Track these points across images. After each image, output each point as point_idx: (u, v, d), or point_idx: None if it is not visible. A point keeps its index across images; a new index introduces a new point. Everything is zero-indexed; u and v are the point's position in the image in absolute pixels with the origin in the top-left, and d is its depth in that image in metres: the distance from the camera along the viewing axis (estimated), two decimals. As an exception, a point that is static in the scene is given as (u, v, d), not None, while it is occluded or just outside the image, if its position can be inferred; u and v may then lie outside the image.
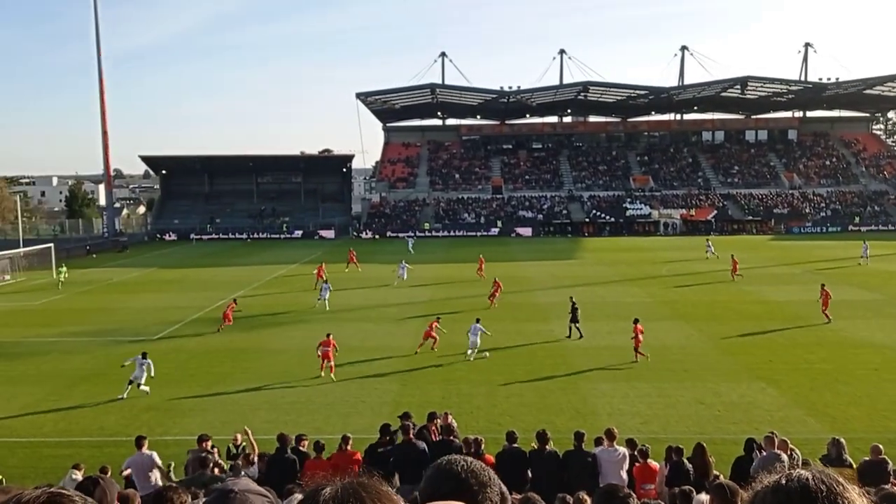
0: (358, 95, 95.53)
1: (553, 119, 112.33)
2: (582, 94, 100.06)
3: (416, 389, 23.93)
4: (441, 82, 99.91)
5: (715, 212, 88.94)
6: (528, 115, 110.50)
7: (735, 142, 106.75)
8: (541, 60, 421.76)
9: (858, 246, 55.09)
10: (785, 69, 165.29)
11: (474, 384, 24.34)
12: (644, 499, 11.80)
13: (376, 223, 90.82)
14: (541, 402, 22.31)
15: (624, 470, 12.75)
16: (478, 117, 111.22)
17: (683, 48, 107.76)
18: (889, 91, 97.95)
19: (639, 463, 12.84)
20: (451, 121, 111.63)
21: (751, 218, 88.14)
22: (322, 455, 13.45)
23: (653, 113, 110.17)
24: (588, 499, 8.06)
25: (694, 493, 9.50)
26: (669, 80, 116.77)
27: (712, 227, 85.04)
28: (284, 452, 13.45)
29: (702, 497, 9.22)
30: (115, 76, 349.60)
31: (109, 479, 6.75)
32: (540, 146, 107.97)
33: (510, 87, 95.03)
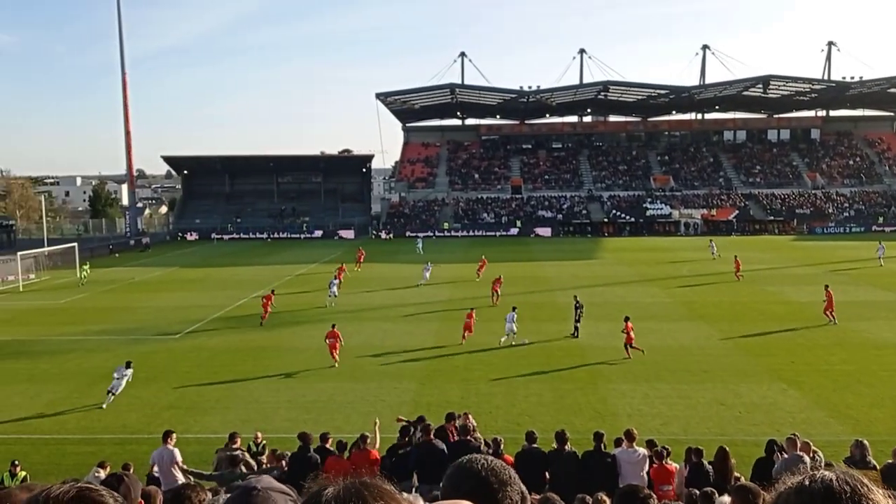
0: (377, 96, 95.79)
1: (573, 119, 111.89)
2: (602, 94, 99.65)
3: (435, 389, 23.97)
4: (461, 82, 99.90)
5: (736, 212, 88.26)
6: (548, 115, 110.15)
7: (757, 141, 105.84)
8: (560, 60, 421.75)
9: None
10: (808, 68, 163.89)
11: (493, 384, 24.35)
12: (663, 500, 11.78)
13: (395, 223, 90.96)
14: (560, 403, 22.27)
15: (644, 471, 12.72)
16: (497, 117, 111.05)
17: (705, 47, 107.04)
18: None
19: (655, 464, 12.79)
20: (471, 121, 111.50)
21: (773, 218, 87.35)
22: (343, 454, 13.51)
23: (674, 112, 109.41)
24: (608, 500, 8.04)
25: (716, 495, 9.44)
26: (690, 80, 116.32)
27: (734, 228, 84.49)
28: (307, 451, 13.53)
29: (724, 499, 9.17)
30: (138, 77, 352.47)
31: (133, 476, 6.83)
32: (560, 146, 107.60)
33: (530, 87, 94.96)
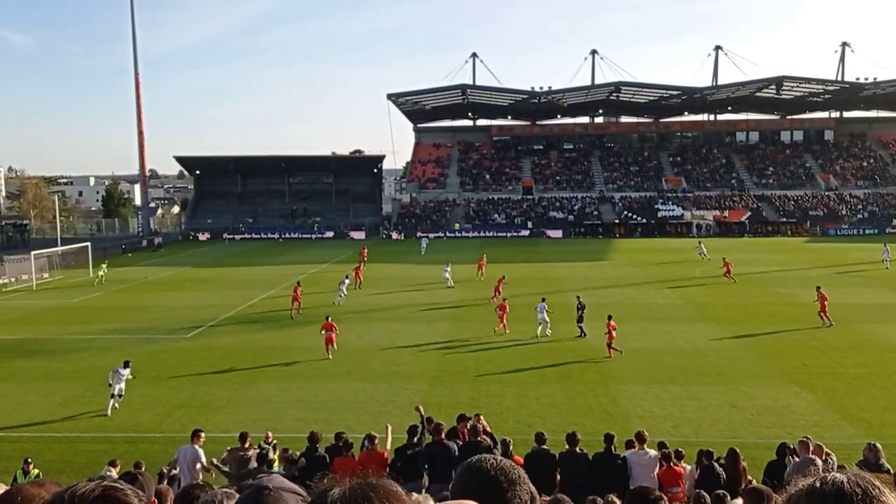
0: (389, 96, 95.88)
1: (584, 119, 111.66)
2: (614, 95, 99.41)
3: (446, 390, 23.96)
4: (472, 83, 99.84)
5: (749, 213, 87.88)
6: (560, 116, 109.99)
7: (770, 142, 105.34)
8: (572, 61, 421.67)
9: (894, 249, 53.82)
10: (821, 69, 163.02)
11: (504, 384, 24.33)
12: (672, 503, 11.75)
13: (406, 223, 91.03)
14: (570, 404, 22.23)
15: (655, 473, 12.70)
16: (508, 118, 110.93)
17: (717, 48, 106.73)
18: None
19: (664, 466, 12.76)
20: (482, 121, 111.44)
21: (785, 220, 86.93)
22: (350, 453, 13.53)
23: (686, 113, 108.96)
24: (618, 501, 8.03)
25: (728, 498, 9.41)
26: (703, 81, 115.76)
27: (746, 229, 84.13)
28: (315, 451, 13.57)
29: (736, 502, 9.15)
30: (151, 78, 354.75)
31: (147, 476, 6.88)
32: (571, 147, 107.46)
33: (541, 88, 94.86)
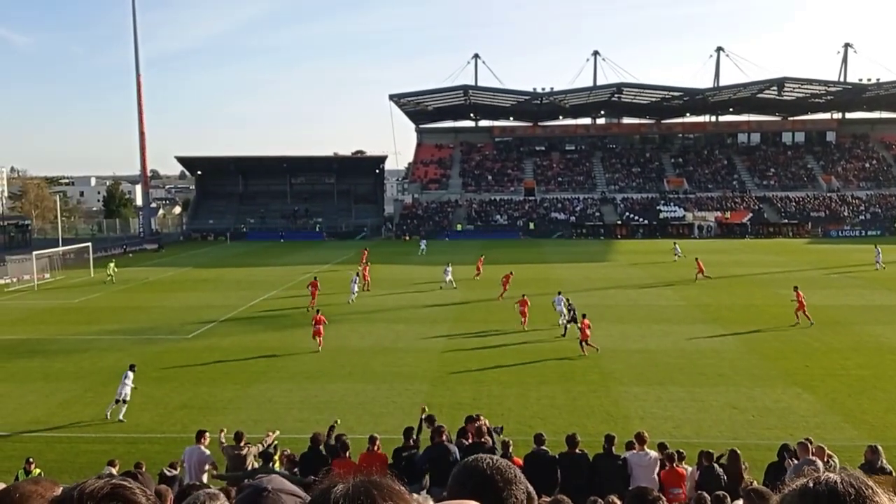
0: (391, 97, 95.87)
1: (586, 121, 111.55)
2: (616, 96, 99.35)
3: (447, 391, 23.94)
4: (474, 84, 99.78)
5: (750, 214, 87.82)
6: (562, 117, 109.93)
7: (771, 144, 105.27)
8: (574, 62, 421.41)
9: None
10: (824, 70, 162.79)
11: (505, 385, 24.31)
12: (673, 503, 11.74)
13: (409, 224, 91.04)
14: (572, 405, 22.21)
15: (655, 474, 12.69)
16: (511, 119, 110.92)
17: (719, 49, 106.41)
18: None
19: (666, 467, 12.75)
20: (484, 122, 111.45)
21: (787, 221, 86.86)
22: (347, 454, 13.50)
23: (687, 114, 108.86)
24: (619, 502, 8.02)
25: (728, 499, 9.40)
26: (704, 82, 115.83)
27: (748, 231, 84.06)
28: (317, 452, 13.53)
29: (737, 503, 9.14)
30: (153, 78, 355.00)
31: (147, 475, 6.88)
32: (573, 148, 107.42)
33: (543, 89, 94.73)
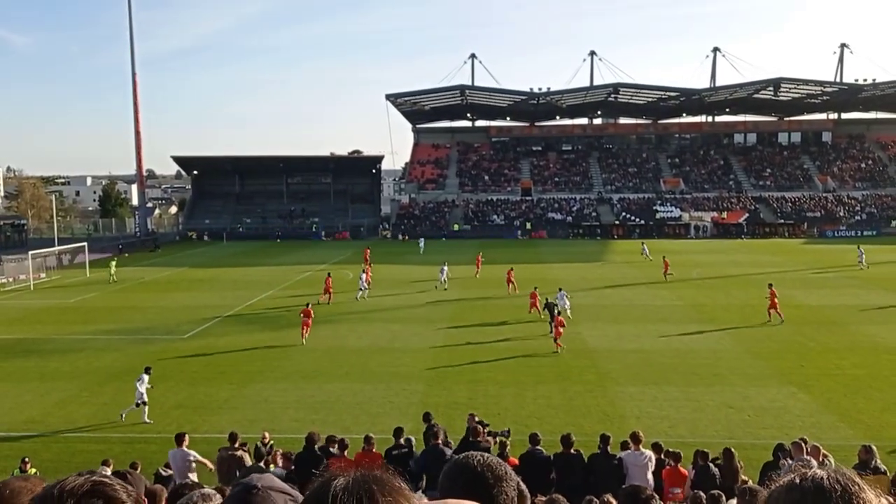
0: (388, 97, 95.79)
1: (583, 121, 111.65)
2: (612, 96, 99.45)
3: (443, 390, 23.94)
4: (471, 84, 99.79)
5: (746, 215, 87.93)
6: (558, 117, 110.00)
7: (767, 144, 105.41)
8: (571, 62, 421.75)
9: (893, 250, 53.84)
10: (820, 71, 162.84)
11: (502, 385, 24.32)
12: (671, 502, 11.74)
13: (406, 224, 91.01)
14: (568, 405, 22.23)
15: (650, 473, 12.68)
16: (507, 119, 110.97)
17: (715, 49, 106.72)
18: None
19: (669, 466, 12.74)
20: (481, 122, 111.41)
21: (783, 221, 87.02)
22: (345, 454, 13.49)
23: (684, 115, 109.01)
24: (614, 501, 8.02)
25: (723, 498, 9.40)
26: (701, 82, 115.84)
27: (744, 231, 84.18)
28: (312, 451, 13.51)
29: (732, 502, 9.15)
30: (149, 78, 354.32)
31: (138, 475, 6.86)
32: (570, 148, 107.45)
33: (540, 89, 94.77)
